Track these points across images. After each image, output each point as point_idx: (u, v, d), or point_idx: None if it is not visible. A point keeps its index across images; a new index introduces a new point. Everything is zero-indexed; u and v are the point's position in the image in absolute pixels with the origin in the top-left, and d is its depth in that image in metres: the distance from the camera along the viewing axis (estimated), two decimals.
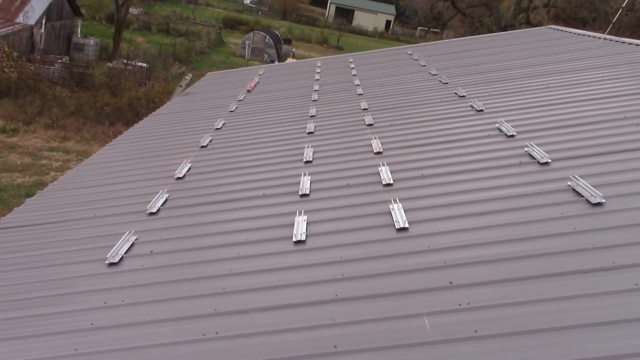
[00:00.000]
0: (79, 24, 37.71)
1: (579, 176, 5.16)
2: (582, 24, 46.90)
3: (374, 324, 3.62)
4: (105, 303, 4.33)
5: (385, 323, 3.61)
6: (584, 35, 13.41)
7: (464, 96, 8.94)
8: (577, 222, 4.48)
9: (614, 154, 5.70)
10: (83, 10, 39.03)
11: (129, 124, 19.31)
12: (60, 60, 29.43)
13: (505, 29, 42.56)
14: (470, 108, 8.20)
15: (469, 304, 3.64)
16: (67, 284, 4.77)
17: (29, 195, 14.39)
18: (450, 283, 3.90)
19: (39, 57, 28.16)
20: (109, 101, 24.08)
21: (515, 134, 6.70)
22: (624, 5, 17.40)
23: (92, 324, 4.06)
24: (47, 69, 27.01)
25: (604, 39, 12.25)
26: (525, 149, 6.16)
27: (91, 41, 35.36)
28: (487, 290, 3.76)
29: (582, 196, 4.84)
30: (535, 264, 3.98)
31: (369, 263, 4.39)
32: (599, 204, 4.66)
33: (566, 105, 7.59)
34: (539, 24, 43.92)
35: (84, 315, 4.21)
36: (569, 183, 5.12)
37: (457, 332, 3.40)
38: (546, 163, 5.70)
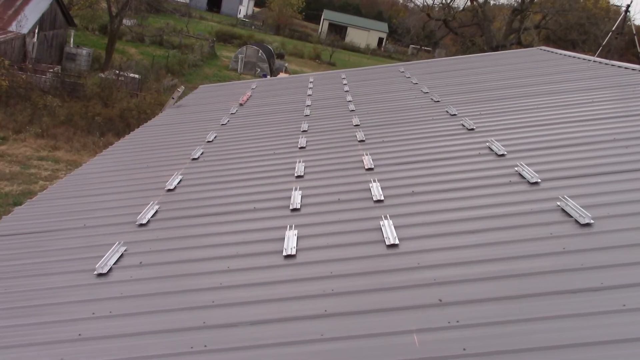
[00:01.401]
0: (72, 34, 37.69)
1: (568, 196, 5.20)
2: (572, 45, 47.46)
3: (363, 339, 3.62)
4: (93, 314, 4.30)
5: (375, 339, 3.61)
6: (574, 57, 13.58)
7: (455, 114, 9.01)
8: (566, 242, 4.51)
9: (604, 175, 5.76)
10: (76, 21, 39.02)
11: (119, 134, 19.25)
12: (52, 70, 29.37)
13: (496, 49, 42.92)
14: (461, 126, 8.26)
15: (458, 321, 3.65)
16: (55, 294, 4.73)
17: (17, 204, 14.30)
18: (440, 300, 3.91)
19: (30, 66, 28.09)
20: (100, 111, 24.01)
21: (505, 153, 6.75)
22: (613, 28, 17.62)
23: (79, 335, 4.03)
24: (39, 78, 26.93)
25: (594, 61, 12.41)
26: (516, 168, 6.20)
27: (84, 51, 35.33)
28: (476, 308, 3.77)
29: (571, 216, 4.88)
30: (524, 283, 4.00)
31: (358, 279, 4.40)
32: (587, 225, 4.70)
33: (556, 125, 7.66)
34: (530, 44, 44.38)
35: (72, 325, 4.18)
36: (559, 203, 5.15)
37: (446, 350, 3.40)
38: (536, 183, 5.74)
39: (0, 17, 29.73)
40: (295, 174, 7.04)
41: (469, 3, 54.77)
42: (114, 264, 5.08)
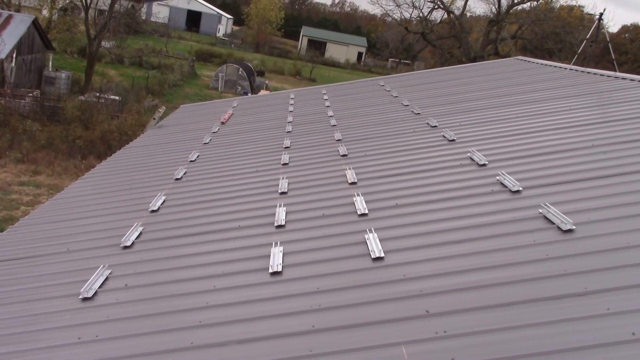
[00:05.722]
0: (50, 57, 37.52)
1: (549, 203, 5.26)
2: (549, 54, 48.13)
3: (351, 354, 3.63)
4: (79, 339, 4.26)
5: (363, 353, 3.61)
6: (550, 65, 13.77)
7: (435, 126, 9.08)
8: (549, 248, 4.55)
9: (583, 182, 5.83)
10: (54, 44, 38.86)
11: (101, 157, 19.17)
12: (31, 94, 29.17)
13: (474, 60, 43.42)
14: (442, 138, 8.33)
15: (445, 332, 3.66)
16: (40, 320, 4.69)
17: None
18: (427, 311, 3.92)
19: (9, 90, 27.87)
20: (81, 134, 23.87)
21: (486, 163, 6.81)
22: (588, 36, 17.92)
23: None
24: (18, 103, 26.74)
25: (570, 69, 12.59)
26: (497, 177, 6.26)
27: (62, 74, 35.16)
28: (463, 318, 3.79)
29: (553, 223, 4.93)
30: (509, 290, 4.03)
31: (345, 293, 4.40)
32: (569, 231, 4.75)
33: (536, 134, 7.75)
34: (507, 54, 44.93)
35: (58, 351, 4.14)
36: (540, 210, 5.21)
37: None
38: (517, 191, 5.80)
39: None
40: (279, 191, 7.05)
41: (445, 16, 55.45)
42: (99, 287, 5.04)
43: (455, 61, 49.61)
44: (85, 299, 4.86)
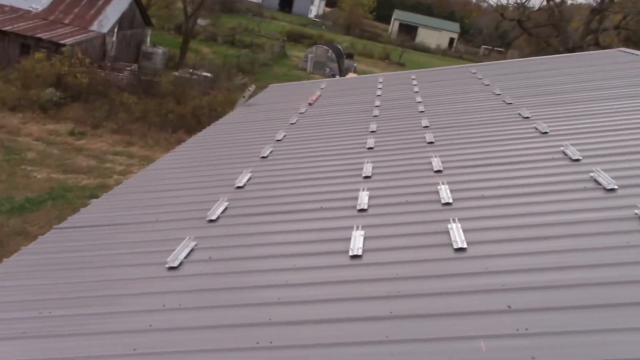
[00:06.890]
0: (149, 33, 38.87)
1: None
2: None
3: (428, 343, 3.59)
4: (163, 306, 4.43)
5: (440, 343, 3.57)
6: None
7: (528, 117, 8.79)
8: None
9: None
10: (153, 20, 40.20)
11: (191, 131, 19.75)
12: (129, 68, 30.38)
13: (572, 50, 41.61)
14: (534, 130, 8.05)
15: (527, 329, 3.56)
16: (128, 285, 4.91)
17: (93, 196, 14.87)
18: (509, 307, 3.82)
19: (109, 64, 29.16)
20: (174, 109, 24.70)
21: (580, 158, 6.53)
22: None
23: (150, 325, 4.15)
24: (117, 76, 27.94)
25: None
26: (591, 174, 5.99)
27: (159, 50, 36.39)
28: (546, 317, 3.67)
29: None
30: (598, 292, 3.87)
31: (425, 282, 4.36)
32: None
33: (635, 130, 7.37)
34: (609, 46, 42.78)
35: (143, 316, 4.32)
36: (637, 211, 4.95)
37: (514, 358, 3.33)
38: (612, 189, 5.53)
39: (82, 17, 31.01)
40: (363, 175, 7.03)
41: (544, 3, 53.34)
42: (185, 258, 5.21)
43: (552, 51, 47.73)
44: (171, 268, 5.04)
